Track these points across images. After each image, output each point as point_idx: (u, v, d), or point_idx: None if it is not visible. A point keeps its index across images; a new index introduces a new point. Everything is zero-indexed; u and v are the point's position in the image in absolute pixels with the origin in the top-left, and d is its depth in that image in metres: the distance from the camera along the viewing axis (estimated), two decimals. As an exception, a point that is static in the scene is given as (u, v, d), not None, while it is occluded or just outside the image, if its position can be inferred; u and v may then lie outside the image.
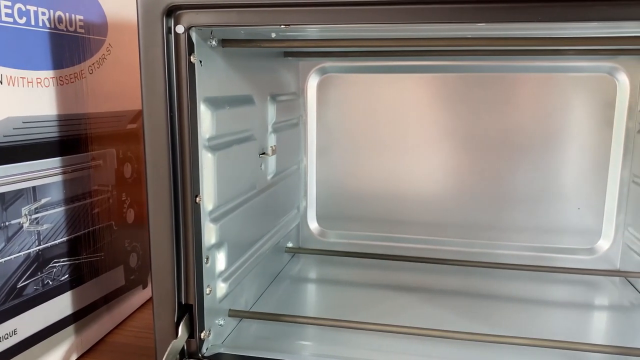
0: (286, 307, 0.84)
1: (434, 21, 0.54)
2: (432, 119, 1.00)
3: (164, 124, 0.60)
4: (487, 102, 0.98)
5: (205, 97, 0.64)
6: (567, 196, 0.98)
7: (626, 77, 0.92)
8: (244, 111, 0.78)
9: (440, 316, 0.81)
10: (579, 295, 0.90)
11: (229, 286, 0.73)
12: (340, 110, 1.03)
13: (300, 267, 1.02)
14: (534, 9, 0.53)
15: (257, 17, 0.57)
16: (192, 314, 0.65)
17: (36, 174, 0.66)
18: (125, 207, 0.86)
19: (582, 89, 0.95)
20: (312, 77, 1.03)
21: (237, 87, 0.75)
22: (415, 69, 0.99)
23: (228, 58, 0.71)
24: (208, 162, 0.66)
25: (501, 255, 1.01)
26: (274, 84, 0.90)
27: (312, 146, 1.06)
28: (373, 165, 1.04)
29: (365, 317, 0.80)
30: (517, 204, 1.00)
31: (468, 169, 1.01)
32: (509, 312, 0.83)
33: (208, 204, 0.67)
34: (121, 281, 0.86)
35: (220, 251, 0.71)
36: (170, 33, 0.59)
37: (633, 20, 0.55)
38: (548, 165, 0.98)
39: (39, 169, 0.67)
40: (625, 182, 0.95)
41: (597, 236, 0.99)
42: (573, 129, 0.96)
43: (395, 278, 0.96)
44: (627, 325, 0.80)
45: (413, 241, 1.05)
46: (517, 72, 0.96)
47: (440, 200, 1.03)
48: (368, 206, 1.06)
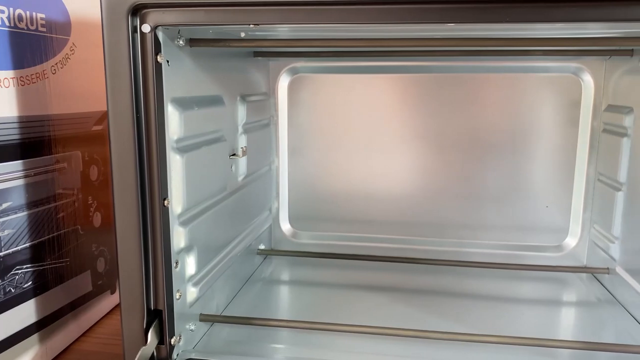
0: (259, 310, 0.83)
1: (403, 21, 0.54)
2: (403, 119, 1.01)
3: (130, 125, 0.58)
4: (457, 102, 0.99)
5: (172, 98, 0.63)
6: (535, 194, 1.00)
7: (590, 77, 0.94)
8: (214, 112, 0.76)
9: (413, 315, 0.81)
10: (547, 292, 0.92)
11: (200, 290, 0.72)
12: (312, 110, 1.03)
13: (272, 269, 1.01)
14: (502, 10, 0.53)
15: (225, 16, 0.56)
16: (162, 319, 0.63)
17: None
18: (92, 211, 0.83)
19: (549, 89, 0.96)
20: (282, 77, 1.02)
21: (206, 87, 0.74)
22: (386, 69, 0.99)
23: (196, 58, 0.69)
24: (176, 164, 0.64)
25: (472, 254, 1.02)
26: (244, 84, 0.89)
27: (283, 147, 1.05)
28: (345, 166, 1.04)
29: (339, 318, 0.79)
30: (487, 202, 1.01)
31: (438, 169, 1.01)
32: (481, 310, 0.84)
33: (177, 207, 0.65)
34: (88, 287, 0.84)
35: (190, 255, 0.69)
36: (136, 32, 0.57)
37: (597, 22, 0.56)
38: (516, 164, 0.99)
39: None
40: (591, 180, 0.97)
41: (564, 234, 1.01)
42: (540, 129, 0.98)
43: (368, 278, 0.96)
44: (594, 320, 0.81)
45: (385, 241, 1.05)
46: (486, 73, 0.97)
47: (411, 199, 1.03)
48: (340, 206, 1.06)
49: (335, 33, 0.74)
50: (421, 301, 0.86)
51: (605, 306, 0.86)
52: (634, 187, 0.82)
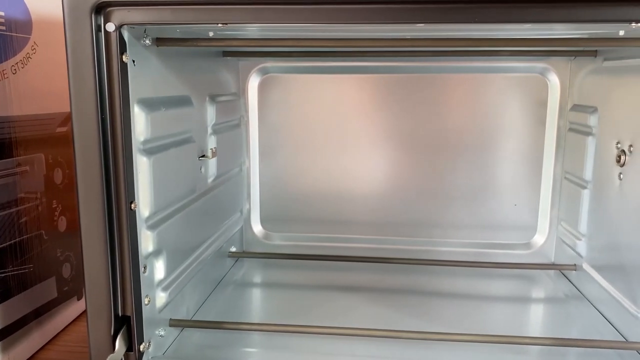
0: (230, 314, 0.82)
1: (373, 21, 0.54)
2: (374, 119, 1.01)
3: (94, 126, 0.57)
4: (427, 102, 0.99)
5: (139, 99, 0.62)
6: (504, 193, 1.01)
7: (557, 77, 0.96)
8: (182, 112, 0.75)
9: (386, 315, 0.81)
10: (517, 289, 0.93)
11: (169, 295, 0.70)
12: (283, 110, 1.02)
13: (244, 272, 1.00)
14: (470, 11, 0.54)
15: (192, 15, 0.55)
16: (130, 325, 0.62)
17: (-47, 182, 0.61)
18: (57, 215, 0.81)
19: (516, 89, 0.98)
20: (252, 77, 1.01)
21: (174, 87, 0.73)
22: (356, 69, 0.99)
23: (163, 57, 0.68)
24: (143, 166, 0.63)
25: (443, 252, 1.03)
26: (213, 84, 0.88)
27: (254, 147, 1.04)
28: (316, 166, 1.04)
29: (312, 319, 0.79)
30: (457, 201, 1.02)
31: (409, 168, 1.02)
32: (452, 309, 0.84)
33: (144, 210, 0.64)
34: (53, 293, 0.81)
35: (158, 259, 0.68)
36: (100, 31, 0.55)
37: (563, 23, 0.57)
38: (485, 164, 1.01)
39: (-44, 177, 0.62)
40: (558, 178, 0.99)
41: (532, 231, 1.02)
42: (508, 128, 0.99)
43: (341, 279, 0.96)
44: (562, 316, 0.83)
45: (357, 241, 1.05)
46: (455, 73, 0.98)
47: (383, 199, 1.03)
48: (312, 207, 1.05)
49: (306, 33, 0.73)
50: (394, 301, 0.87)
51: (572, 302, 0.87)
52: (599, 185, 0.84)
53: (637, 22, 0.53)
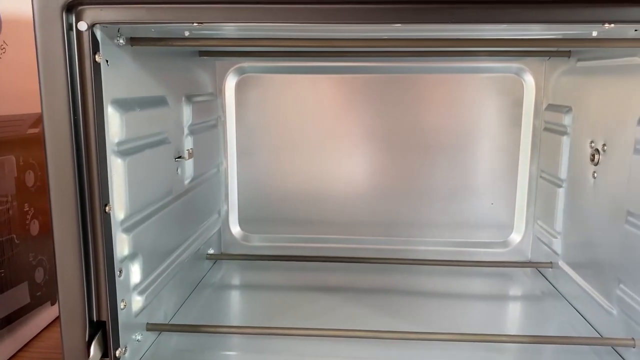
0: (209, 317, 0.81)
1: (350, 21, 0.54)
2: (352, 119, 1.01)
3: (67, 128, 0.55)
4: (405, 102, 1.00)
5: (113, 99, 0.60)
6: (481, 192, 1.02)
7: (532, 77, 0.97)
8: (157, 113, 0.74)
9: (365, 316, 0.81)
10: (494, 287, 0.94)
11: (146, 299, 0.69)
12: (261, 110, 1.01)
13: (222, 274, 0.99)
14: (447, 11, 0.54)
15: (167, 14, 0.54)
16: (106, 331, 0.61)
17: None
18: (29, 218, 0.79)
19: (492, 89, 0.99)
20: (229, 77, 1.00)
21: (149, 87, 0.71)
22: (334, 69, 0.99)
23: (138, 57, 0.67)
24: (118, 168, 0.62)
25: (421, 252, 1.03)
26: (189, 84, 0.87)
27: (232, 148, 1.03)
28: (295, 166, 1.03)
29: (292, 321, 0.78)
30: (435, 201, 1.03)
31: (387, 168, 1.02)
32: (432, 308, 0.85)
33: (119, 212, 0.63)
34: (25, 299, 0.79)
35: (134, 263, 0.67)
36: (71, 30, 0.54)
37: (538, 23, 0.57)
38: (462, 163, 1.01)
39: None
40: (534, 177, 1.00)
41: (509, 230, 1.03)
42: (485, 128, 1.00)
43: (321, 279, 0.96)
44: (539, 314, 0.84)
45: (336, 241, 1.05)
46: (432, 73, 0.99)
47: (361, 199, 1.03)
48: (291, 208, 1.05)
49: (283, 33, 0.73)
50: (374, 301, 0.87)
51: (549, 299, 0.88)
52: (574, 183, 0.86)
53: (610, 22, 0.54)
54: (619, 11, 0.52)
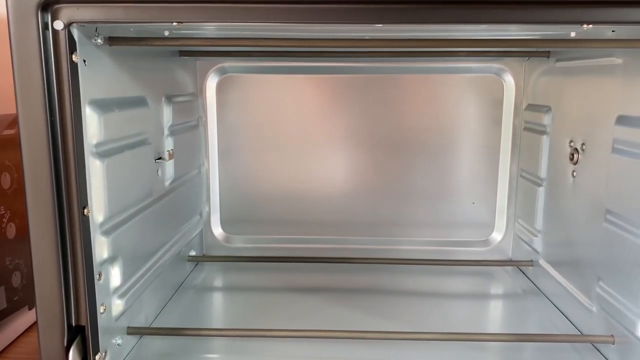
0: (191, 320, 0.80)
1: (331, 21, 0.53)
2: (334, 119, 1.01)
3: (43, 129, 0.54)
4: (386, 102, 1.00)
5: (91, 100, 0.59)
6: (462, 191, 1.03)
7: (511, 77, 0.98)
8: (137, 114, 0.73)
9: (348, 316, 0.81)
10: (476, 286, 0.95)
11: (126, 302, 0.68)
12: (242, 111, 1.01)
13: (204, 276, 0.98)
14: (429, 11, 0.54)
15: (146, 13, 0.53)
16: (85, 335, 0.60)
17: None
18: (5, 222, 0.77)
19: (473, 89, 0.99)
20: (210, 77, 0.99)
21: (128, 88, 0.70)
22: (316, 69, 0.99)
23: (116, 57, 0.66)
24: (96, 170, 0.61)
25: (404, 251, 1.04)
26: (169, 84, 0.86)
27: (213, 149, 1.02)
28: (277, 167, 1.03)
29: (275, 323, 0.78)
30: (417, 200, 1.03)
31: (369, 168, 1.02)
32: (414, 308, 0.85)
33: (98, 215, 0.62)
34: (2, 303, 0.77)
35: (114, 266, 0.66)
36: (47, 29, 0.53)
37: (518, 24, 0.58)
38: (444, 163, 1.02)
39: None
40: (514, 176, 1.01)
41: (490, 229, 1.04)
42: (465, 128, 1.01)
43: (304, 280, 0.95)
44: (520, 312, 0.85)
45: (319, 241, 1.04)
46: (414, 74, 0.99)
47: (344, 199, 1.03)
48: (274, 208, 1.04)
49: (264, 32, 0.72)
50: (356, 301, 0.86)
51: (530, 297, 0.89)
52: (554, 182, 0.86)
53: (588, 23, 0.54)
54: (597, 12, 0.53)
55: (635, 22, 0.54)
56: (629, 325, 0.63)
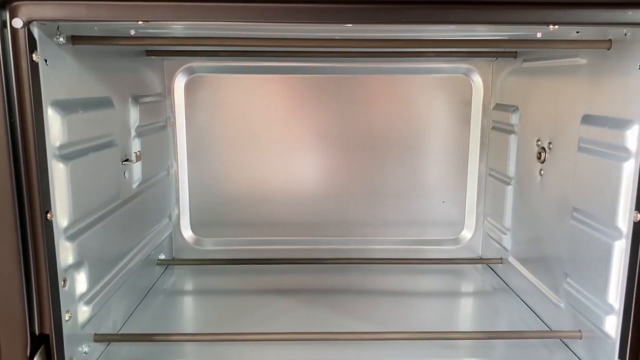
0: (160, 325, 0.79)
1: (300, 21, 0.53)
2: (304, 119, 1.00)
3: (2, 131, 0.52)
4: (356, 103, 1.00)
5: (53, 100, 0.57)
6: (432, 191, 1.04)
7: (480, 77, 0.99)
8: (102, 115, 0.71)
9: (321, 317, 0.81)
10: (447, 284, 0.96)
11: (93, 308, 0.66)
12: (211, 111, 0.99)
13: (174, 280, 0.96)
14: (398, 11, 0.54)
15: (109, 12, 0.52)
16: (49, 344, 0.58)
17: None
18: (-37, 228, 0.74)
19: (442, 89, 1.00)
20: (178, 77, 0.98)
21: (93, 88, 0.68)
22: (285, 69, 0.98)
23: (80, 56, 0.64)
24: (60, 173, 0.59)
25: (375, 251, 1.04)
26: (136, 84, 0.84)
27: (182, 150, 1.00)
28: (248, 168, 1.01)
29: (247, 326, 0.77)
30: (387, 200, 1.03)
31: (340, 168, 1.02)
32: (386, 307, 0.85)
33: (62, 219, 0.60)
34: (-39, 313, 0.74)
35: (80, 271, 0.64)
36: (5, 28, 0.51)
37: (486, 24, 0.58)
38: (414, 162, 1.02)
39: None
40: (483, 175, 1.03)
41: (460, 227, 1.05)
42: (435, 128, 1.01)
43: (276, 282, 0.94)
44: (491, 309, 0.86)
45: (291, 243, 1.04)
46: (383, 74, 0.99)
47: (315, 199, 1.03)
48: (245, 210, 1.03)
49: (232, 32, 0.71)
50: (329, 302, 0.86)
51: (500, 295, 0.90)
52: (522, 181, 0.88)
53: (554, 24, 0.55)
54: (562, 13, 0.54)
55: (599, 23, 0.55)
56: (595, 320, 0.64)
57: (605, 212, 0.62)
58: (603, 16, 0.54)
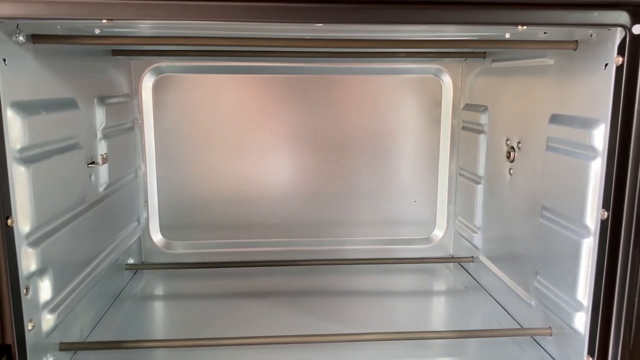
0: (130, 332, 0.77)
1: (269, 20, 0.52)
2: (274, 120, 0.99)
3: (-42, 134, 0.50)
4: (328, 103, 0.99)
5: (12, 102, 0.55)
6: (403, 190, 1.04)
7: (449, 78, 1.00)
8: (66, 116, 0.69)
9: (295, 319, 0.80)
10: (420, 283, 0.96)
11: (58, 316, 0.64)
12: (180, 112, 0.97)
13: (144, 285, 0.94)
14: (369, 12, 0.54)
15: (71, 10, 0.50)
16: (11, 355, 0.55)
17: None
18: None
19: (412, 89, 1.00)
20: (146, 77, 0.95)
21: (56, 89, 0.66)
22: (255, 69, 0.97)
23: (42, 56, 0.62)
24: (21, 177, 0.56)
25: (348, 251, 1.04)
26: (102, 85, 0.82)
27: (150, 152, 0.98)
28: (217, 169, 1.00)
29: (219, 330, 0.76)
30: (360, 200, 1.03)
31: (312, 169, 1.01)
32: (361, 308, 0.85)
33: (24, 225, 0.57)
34: None
35: (43, 278, 0.61)
36: (-40, 25, 0.49)
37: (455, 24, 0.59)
38: (385, 162, 1.03)
39: None
40: (453, 174, 1.03)
41: (432, 226, 1.06)
42: (406, 128, 1.02)
43: (249, 285, 0.93)
44: (463, 307, 0.86)
45: (263, 245, 1.03)
46: (354, 74, 0.99)
47: (287, 201, 1.02)
48: (215, 212, 1.01)
49: (201, 31, 0.70)
50: (303, 303, 0.85)
51: (471, 293, 0.91)
52: (492, 180, 0.89)
53: (522, 24, 0.56)
54: (530, 14, 0.54)
55: (565, 24, 0.56)
56: (565, 317, 0.65)
57: (574, 210, 0.63)
58: (569, 17, 0.55)
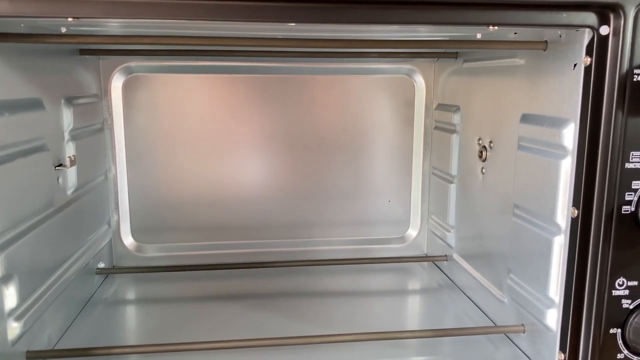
0: (101, 338, 0.75)
1: (241, 19, 0.51)
2: (247, 120, 0.98)
3: None
4: (300, 103, 0.99)
5: (-26, 103, 0.53)
6: (378, 190, 1.04)
7: (422, 78, 1.01)
8: (31, 117, 0.66)
9: (271, 321, 0.79)
10: (395, 282, 0.97)
11: (25, 324, 0.62)
12: (152, 112, 0.96)
13: (115, 289, 0.92)
14: (340, 11, 0.53)
15: (35, 7, 0.48)
16: (-25, 366, 0.54)
17: None
18: None
19: (385, 89, 1.01)
20: (116, 77, 0.93)
21: (20, 89, 0.64)
22: (228, 69, 0.96)
23: (5, 55, 0.60)
24: (-17, 181, 0.55)
25: (323, 252, 1.03)
26: (69, 85, 0.80)
27: (121, 153, 0.96)
28: (191, 171, 0.99)
29: (194, 335, 0.74)
30: (334, 200, 1.03)
31: (285, 170, 1.01)
32: (336, 309, 0.85)
33: (-13, 231, 0.56)
34: None
35: (8, 285, 0.59)
36: None
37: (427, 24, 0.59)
38: (359, 162, 1.03)
39: None
40: (427, 174, 1.04)
41: (406, 225, 1.06)
42: (379, 128, 1.02)
43: (223, 288, 0.92)
44: (437, 306, 0.87)
45: (237, 247, 1.02)
46: (327, 74, 0.99)
47: (261, 202, 1.01)
48: (188, 214, 1.00)
49: (171, 30, 0.69)
50: (278, 305, 0.85)
51: (445, 291, 0.92)
52: (464, 179, 0.89)
53: (494, 25, 0.56)
54: (501, 14, 0.55)
55: (535, 25, 0.57)
56: (537, 314, 0.66)
57: (545, 209, 0.64)
58: (539, 18, 0.56)
